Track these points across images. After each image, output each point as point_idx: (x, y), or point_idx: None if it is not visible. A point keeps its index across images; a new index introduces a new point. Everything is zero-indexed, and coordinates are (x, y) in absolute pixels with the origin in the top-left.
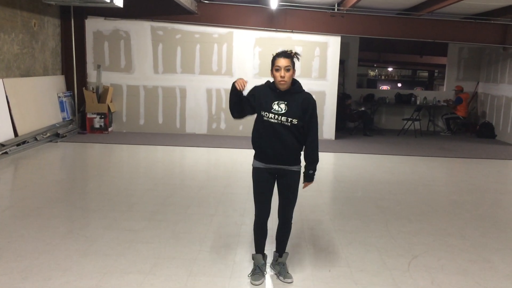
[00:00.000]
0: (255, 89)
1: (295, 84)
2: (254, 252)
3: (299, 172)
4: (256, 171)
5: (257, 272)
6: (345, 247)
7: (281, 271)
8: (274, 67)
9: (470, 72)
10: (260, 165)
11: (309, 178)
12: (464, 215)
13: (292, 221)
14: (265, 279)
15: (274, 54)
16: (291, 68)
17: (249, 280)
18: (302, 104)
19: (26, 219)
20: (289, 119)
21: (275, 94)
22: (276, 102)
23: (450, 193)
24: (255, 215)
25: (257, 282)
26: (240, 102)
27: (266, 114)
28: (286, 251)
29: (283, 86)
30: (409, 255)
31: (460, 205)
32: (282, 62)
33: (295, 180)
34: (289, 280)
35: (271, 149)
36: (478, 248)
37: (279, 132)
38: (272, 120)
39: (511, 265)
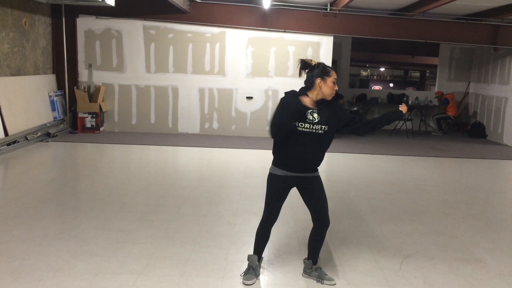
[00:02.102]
0: (285, 101)
1: None
2: (250, 253)
3: (319, 176)
4: (274, 178)
5: (250, 272)
6: (338, 247)
7: (321, 275)
8: (330, 79)
9: (461, 73)
10: (280, 172)
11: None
12: (456, 214)
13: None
14: (257, 280)
15: (321, 64)
16: None
17: (241, 280)
18: (328, 110)
19: (17, 219)
20: (322, 126)
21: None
22: (309, 111)
23: (442, 193)
24: (263, 218)
25: (249, 282)
26: (287, 132)
27: (301, 125)
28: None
29: (330, 98)
30: (401, 255)
31: (452, 204)
32: (335, 76)
33: (321, 183)
34: (333, 282)
35: (301, 159)
36: (470, 247)
37: (311, 141)
38: (306, 130)
39: (503, 265)
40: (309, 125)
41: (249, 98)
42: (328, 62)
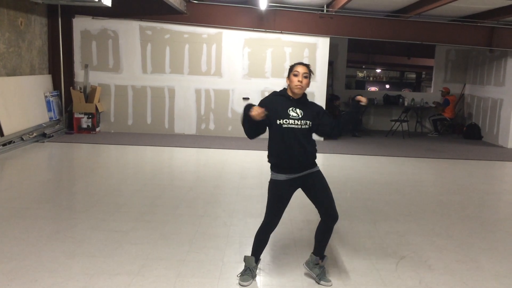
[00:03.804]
0: (264, 102)
1: (305, 95)
2: (247, 254)
3: (320, 170)
4: (276, 184)
5: (247, 273)
6: (334, 248)
7: (321, 275)
8: (292, 73)
9: (457, 74)
10: (282, 177)
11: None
12: (451, 215)
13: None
14: (253, 281)
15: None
16: (308, 76)
17: (237, 281)
18: (312, 109)
19: (12, 220)
20: (307, 121)
21: (289, 102)
22: (291, 108)
23: (438, 194)
24: (265, 223)
25: (245, 283)
26: (257, 127)
27: (286, 121)
28: (325, 254)
29: (299, 91)
30: (397, 255)
31: (447, 205)
32: (301, 68)
33: (323, 177)
34: (329, 283)
35: (295, 157)
36: (465, 248)
37: (299, 137)
38: (292, 126)
39: (498, 265)
40: (293, 121)
41: (246, 99)
42: (325, 63)
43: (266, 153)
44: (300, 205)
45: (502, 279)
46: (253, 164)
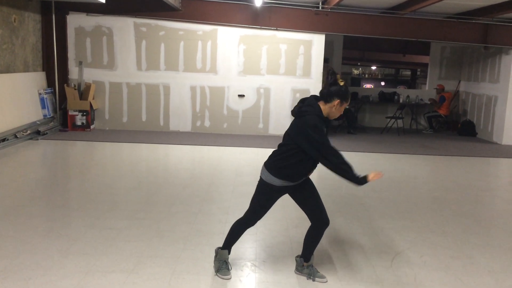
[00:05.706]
0: (321, 128)
1: None
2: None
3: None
4: (272, 188)
5: (224, 267)
6: (329, 244)
7: (312, 273)
8: (345, 105)
9: (452, 71)
10: (277, 182)
11: None
12: (446, 212)
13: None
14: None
15: (346, 87)
16: None
17: (228, 277)
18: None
19: (6, 218)
20: None
21: (324, 123)
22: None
23: (432, 190)
24: (247, 219)
25: (227, 277)
26: None
27: None
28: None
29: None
30: (392, 252)
31: (442, 202)
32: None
33: (311, 182)
34: (325, 280)
35: (306, 173)
36: (459, 244)
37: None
38: None
39: (492, 261)
40: None
41: (241, 96)
42: (320, 60)
43: (261, 150)
44: (294, 202)
45: (497, 275)
46: (248, 161)
